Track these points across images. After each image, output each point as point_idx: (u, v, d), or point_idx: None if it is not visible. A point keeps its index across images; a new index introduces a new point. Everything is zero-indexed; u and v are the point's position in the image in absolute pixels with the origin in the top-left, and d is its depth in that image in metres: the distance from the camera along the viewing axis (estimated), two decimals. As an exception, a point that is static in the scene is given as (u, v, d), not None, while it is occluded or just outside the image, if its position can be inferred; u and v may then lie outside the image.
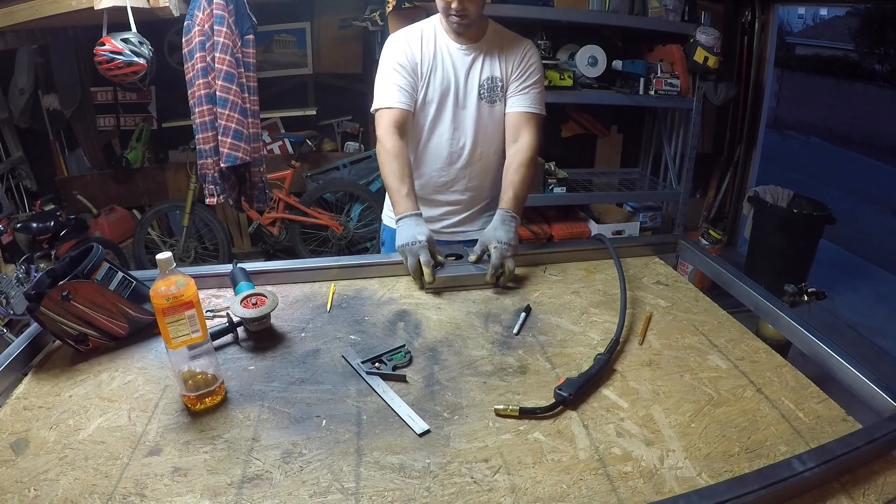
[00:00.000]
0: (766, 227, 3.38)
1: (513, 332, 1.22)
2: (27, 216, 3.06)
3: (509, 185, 1.52)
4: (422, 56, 1.54)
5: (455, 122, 1.60)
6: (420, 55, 1.54)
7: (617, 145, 3.93)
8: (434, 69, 1.55)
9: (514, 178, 1.52)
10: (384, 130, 1.50)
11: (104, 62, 2.31)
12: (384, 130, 1.50)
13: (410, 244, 1.38)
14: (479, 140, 1.62)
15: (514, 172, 1.53)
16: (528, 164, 1.54)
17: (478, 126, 1.60)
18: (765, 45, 3.76)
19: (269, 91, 3.44)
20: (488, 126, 1.62)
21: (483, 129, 1.61)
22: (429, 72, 1.55)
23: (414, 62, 1.54)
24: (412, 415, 0.95)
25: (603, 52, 2.99)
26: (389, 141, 1.48)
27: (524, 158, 1.54)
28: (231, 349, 1.16)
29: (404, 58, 1.53)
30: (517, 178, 1.52)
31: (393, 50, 1.55)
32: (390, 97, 1.51)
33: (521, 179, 1.52)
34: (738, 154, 3.97)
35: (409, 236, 1.39)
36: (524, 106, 1.58)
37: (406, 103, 1.52)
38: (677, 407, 0.99)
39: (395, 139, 1.48)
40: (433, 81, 1.56)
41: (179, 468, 0.84)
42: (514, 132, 1.58)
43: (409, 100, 1.53)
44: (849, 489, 0.81)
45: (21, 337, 1.13)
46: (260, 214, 3.50)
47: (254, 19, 2.53)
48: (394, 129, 1.49)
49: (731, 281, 1.45)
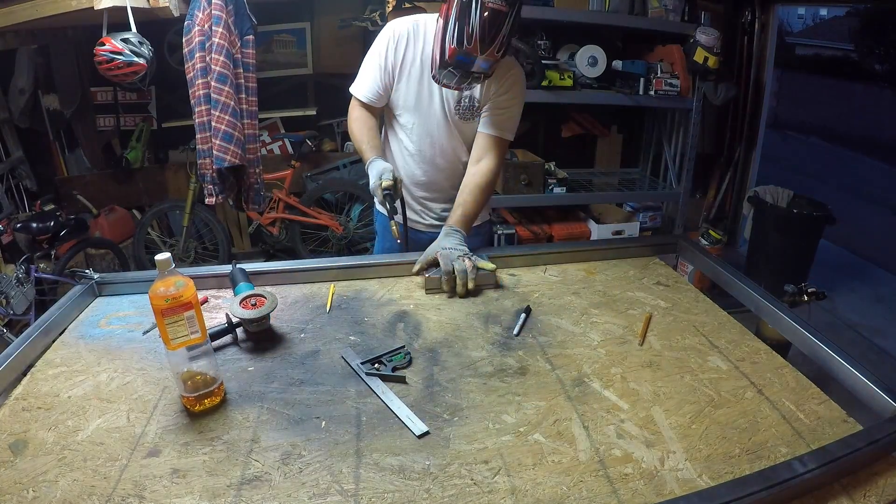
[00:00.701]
0: (766, 227, 3.38)
1: (513, 333, 1.22)
2: (27, 216, 3.05)
3: (460, 203, 1.54)
4: (404, 58, 1.53)
5: (426, 128, 1.59)
6: (402, 57, 1.53)
7: (617, 145, 3.93)
8: (416, 75, 1.54)
9: (467, 199, 1.54)
10: (353, 106, 1.62)
11: (104, 62, 2.31)
12: (353, 106, 1.62)
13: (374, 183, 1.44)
14: (447, 150, 1.63)
15: (469, 193, 1.55)
16: (486, 187, 1.56)
17: (448, 138, 1.61)
18: (765, 45, 3.76)
19: (268, 91, 3.43)
20: (458, 139, 1.62)
21: (452, 141, 1.61)
22: (408, 75, 1.54)
23: (395, 61, 1.53)
24: (412, 416, 0.95)
25: (603, 52, 2.99)
26: (356, 111, 1.60)
27: (482, 182, 1.55)
28: (230, 350, 1.16)
29: (386, 54, 1.53)
30: (470, 199, 1.54)
31: (382, 41, 1.55)
32: (363, 88, 1.58)
33: (475, 201, 1.54)
34: (738, 154, 3.97)
35: (372, 177, 1.46)
36: (494, 129, 1.57)
37: (372, 99, 1.58)
38: (678, 408, 0.99)
39: (361, 110, 1.60)
40: (412, 85, 1.55)
41: (178, 469, 0.84)
42: (479, 152, 1.58)
43: (374, 95, 1.58)
44: (850, 490, 0.81)
45: (21, 337, 1.13)
46: (260, 214, 3.50)
47: (253, 20, 2.53)
48: (358, 107, 1.61)
49: (731, 281, 1.45)
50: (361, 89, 1.58)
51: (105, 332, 1.21)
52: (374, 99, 1.58)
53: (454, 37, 1.31)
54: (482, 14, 1.28)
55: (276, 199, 3.48)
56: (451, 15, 1.31)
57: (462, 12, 1.29)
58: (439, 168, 1.65)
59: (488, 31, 1.29)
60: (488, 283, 1.42)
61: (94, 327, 1.24)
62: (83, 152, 3.60)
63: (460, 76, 1.38)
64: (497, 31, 1.30)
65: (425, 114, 1.58)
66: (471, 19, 1.28)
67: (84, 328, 1.24)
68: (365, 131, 1.55)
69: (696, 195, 3.96)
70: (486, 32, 1.29)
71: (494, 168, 1.58)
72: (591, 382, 1.06)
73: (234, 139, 2.48)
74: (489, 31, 1.29)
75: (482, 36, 1.29)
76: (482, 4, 1.27)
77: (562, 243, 1.87)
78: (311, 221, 3.56)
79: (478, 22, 1.28)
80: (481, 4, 1.27)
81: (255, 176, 2.73)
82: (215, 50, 2.38)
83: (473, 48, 1.30)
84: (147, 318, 1.24)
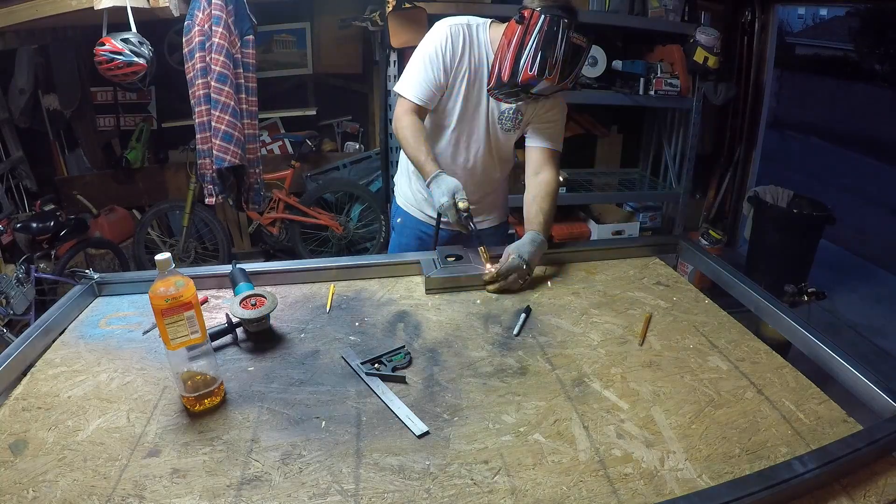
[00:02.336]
0: (766, 227, 3.38)
1: (513, 333, 1.22)
2: (27, 216, 3.05)
3: (539, 211, 1.54)
4: (461, 61, 1.51)
5: (465, 134, 1.61)
6: (459, 60, 1.51)
7: (617, 145, 3.93)
8: (468, 81, 1.53)
9: (543, 206, 1.55)
10: (402, 111, 1.53)
11: (104, 62, 2.31)
12: (402, 111, 1.53)
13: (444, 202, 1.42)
14: (481, 158, 1.64)
15: (543, 201, 1.56)
16: (553, 195, 1.58)
17: (484, 146, 1.62)
18: (765, 45, 3.76)
19: (269, 91, 3.43)
20: (493, 149, 1.64)
21: (488, 150, 1.63)
22: (461, 79, 1.53)
23: (451, 62, 1.50)
24: (411, 416, 0.95)
25: (603, 52, 2.99)
26: (406, 118, 1.51)
27: (550, 190, 1.57)
28: (230, 350, 1.16)
29: (444, 53, 1.49)
30: (546, 206, 1.55)
31: (438, 39, 1.49)
32: (412, 89, 1.51)
33: (550, 208, 1.56)
34: (738, 154, 3.97)
35: (440, 193, 1.43)
36: (548, 142, 1.60)
37: (424, 100, 1.51)
38: (678, 408, 0.99)
39: (411, 117, 1.52)
40: (462, 90, 1.54)
41: (178, 469, 0.84)
42: (537, 166, 1.60)
43: (429, 98, 1.52)
44: (850, 490, 0.81)
45: (21, 337, 1.13)
46: (260, 214, 3.50)
47: (254, 20, 2.53)
48: (411, 112, 1.52)
49: (731, 281, 1.45)
50: (414, 90, 1.50)
51: (105, 332, 1.21)
52: (428, 100, 1.51)
53: (534, 64, 1.34)
54: (566, 48, 1.33)
55: (276, 199, 3.48)
56: (531, 41, 1.33)
57: (547, 42, 1.32)
58: (470, 174, 1.65)
59: (569, 65, 1.35)
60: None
61: (94, 327, 1.24)
62: (83, 152, 3.60)
63: (521, 96, 1.42)
64: (576, 64, 1.37)
65: (469, 120, 1.58)
66: (555, 51, 1.32)
67: (84, 328, 1.23)
68: (422, 142, 1.49)
69: (696, 195, 3.96)
70: (566, 65, 1.35)
71: (555, 179, 1.59)
72: (591, 382, 1.06)
73: (234, 139, 2.48)
74: (570, 65, 1.36)
75: (563, 68, 1.35)
76: (568, 39, 1.32)
77: (562, 243, 1.86)
78: (311, 221, 3.56)
79: (562, 55, 1.33)
80: (567, 39, 1.32)
81: (255, 176, 2.73)
82: (215, 50, 2.38)
83: (553, 78, 1.35)
84: (147, 318, 1.24)
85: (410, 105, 1.51)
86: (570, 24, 1.32)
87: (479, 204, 1.72)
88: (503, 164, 1.71)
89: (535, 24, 1.32)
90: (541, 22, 1.32)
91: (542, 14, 1.32)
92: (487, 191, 1.74)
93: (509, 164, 1.75)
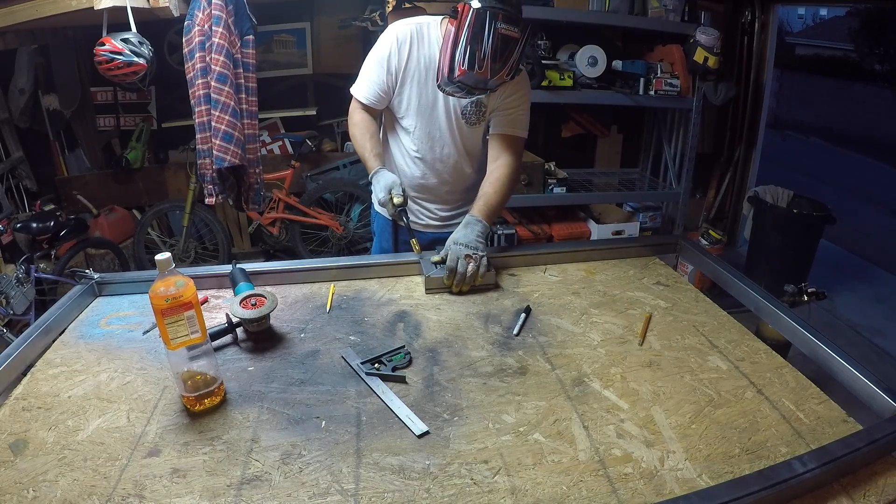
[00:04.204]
0: (766, 227, 3.38)
1: (513, 332, 1.22)
2: (27, 216, 3.05)
3: (482, 195, 1.54)
4: (408, 62, 1.51)
5: (428, 131, 1.59)
6: (407, 60, 1.51)
7: (617, 145, 3.92)
8: (420, 79, 1.53)
9: (488, 190, 1.55)
10: (352, 109, 1.61)
11: (104, 62, 2.31)
12: (352, 109, 1.61)
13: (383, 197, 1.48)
14: (448, 154, 1.62)
15: (490, 185, 1.55)
16: (506, 180, 1.56)
17: (450, 142, 1.61)
18: (765, 45, 3.76)
19: (268, 91, 3.43)
20: (460, 143, 1.62)
21: (454, 145, 1.61)
22: (412, 78, 1.53)
23: (399, 64, 1.52)
24: (411, 416, 0.95)
25: (603, 52, 2.99)
26: (357, 114, 1.59)
27: (503, 174, 1.56)
28: (230, 350, 1.16)
29: (389, 56, 1.51)
30: (491, 191, 1.54)
31: (385, 43, 1.53)
32: (365, 89, 1.57)
33: (496, 192, 1.54)
34: (738, 154, 3.97)
35: (379, 189, 1.50)
36: (506, 128, 1.57)
37: (371, 100, 1.57)
38: (678, 408, 0.99)
39: (361, 113, 1.59)
40: (416, 89, 1.54)
41: (178, 469, 0.84)
42: (497, 152, 1.59)
43: (375, 98, 1.56)
44: (849, 490, 0.81)
45: (21, 337, 1.13)
46: (260, 214, 3.50)
47: (254, 20, 2.53)
48: (359, 110, 1.60)
49: (731, 281, 1.45)
50: (363, 91, 1.57)
51: (105, 332, 1.21)
52: (375, 101, 1.57)
53: (465, 59, 1.31)
54: (495, 40, 1.28)
55: (276, 199, 3.48)
56: (463, 35, 1.31)
57: (475, 36, 1.29)
58: (439, 171, 1.65)
59: (500, 57, 1.30)
60: (488, 284, 1.42)
61: (94, 327, 1.24)
62: (83, 152, 3.60)
63: (467, 92, 1.40)
64: (509, 56, 1.32)
65: (429, 117, 1.58)
66: (483, 45, 1.28)
67: (84, 328, 1.23)
68: (367, 138, 1.55)
69: (696, 195, 3.96)
70: (497, 58, 1.30)
71: (513, 163, 1.58)
72: (591, 382, 1.06)
73: (234, 139, 2.48)
74: (501, 57, 1.30)
75: (493, 62, 1.30)
76: (495, 30, 1.27)
77: (562, 243, 1.86)
78: (311, 221, 3.56)
79: (490, 48, 1.29)
80: (494, 30, 1.27)
81: (255, 176, 2.73)
82: (215, 50, 2.37)
83: (484, 72, 1.31)
84: (147, 318, 1.24)
85: (358, 104, 1.59)
86: (498, 15, 1.27)
87: (456, 200, 1.72)
88: (473, 159, 1.69)
89: (466, 18, 1.31)
90: (470, 15, 1.30)
91: (469, 7, 1.30)
92: (461, 186, 1.71)
93: (482, 159, 1.72)
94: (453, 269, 1.37)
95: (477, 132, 1.62)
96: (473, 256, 1.38)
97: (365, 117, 1.58)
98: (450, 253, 1.38)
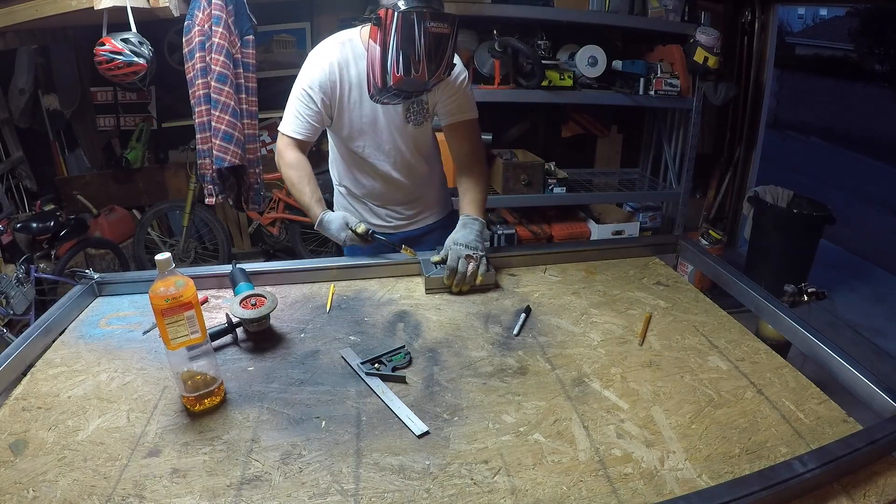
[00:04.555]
0: (766, 227, 3.38)
1: (513, 333, 1.22)
2: (27, 216, 3.06)
3: (464, 191, 1.54)
4: (341, 86, 1.47)
5: (377, 144, 1.56)
6: (339, 86, 1.47)
7: (617, 145, 3.92)
8: (356, 98, 1.49)
9: (466, 185, 1.55)
10: (282, 146, 1.51)
11: (104, 62, 2.31)
12: (282, 146, 1.51)
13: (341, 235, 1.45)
14: (402, 159, 1.60)
15: (467, 179, 1.56)
16: (476, 167, 1.56)
17: (402, 147, 1.57)
18: (765, 45, 3.75)
19: (269, 91, 3.42)
20: (411, 145, 1.59)
21: (406, 149, 1.58)
22: (348, 101, 1.49)
23: (332, 93, 1.47)
24: (411, 416, 0.95)
25: (603, 52, 2.99)
26: (289, 153, 1.50)
27: (471, 162, 1.56)
28: (230, 350, 1.16)
29: (321, 86, 1.45)
30: (469, 185, 1.55)
31: (310, 72, 1.46)
32: (289, 125, 1.49)
33: (475, 184, 1.55)
34: (738, 154, 3.97)
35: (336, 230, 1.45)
36: (458, 115, 1.55)
37: (303, 134, 1.49)
38: (678, 408, 0.99)
39: (292, 152, 1.49)
40: (355, 110, 1.50)
41: (178, 469, 0.84)
42: (457, 141, 1.58)
43: (307, 131, 1.49)
44: (849, 490, 0.81)
45: (21, 337, 1.13)
46: (260, 214, 3.49)
47: (254, 20, 2.53)
48: (291, 147, 1.50)
49: (731, 281, 1.45)
50: (294, 126, 1.48)
51: (105, 332, 1.21)
52: (309, 135, 1.50)
53: (399, 65, 1.27)
54: (427, 40, 1.25)
55: (276, 199, 3.48)
56: (391, 41, 1.26)
57: (405, 40, 1.25)
58: (395, 179, 1.62)
59: (434, 57, 1.28)
60: (488, 284, 1.42)
61: (94, 327, 1.24)
62: (83, 152, 3.60)
63: (404, 97, 1.37)
64: (443, 54, 1.29)
65: (374, 131, 1.53)
66: (416, 47, 1.25)
67: (84, 328, 1.24)
68: (306, 182, 1.48)
69: (696, 195, 3.96)
70: (432, 58, 1.28)
71: (475, 147, 1.58)
72: (591, 382, 1.06)
73: (234, 139, 2.48)
74: (435, 56, 1.28)
75: (429, 62, 1.27)
76: (425, 30, 1.24)
77: (562, 243, 1.86)
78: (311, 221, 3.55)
79: (423, 49, 1.25)
80: (424, 30, 1.24)
81: (255, 176, 2.73)
82: (215, 50, 2.37)
83: (421, 75, 1.28)
84: (147, 318, 1.24)
85: (289, 140, 1.50)
86: (426, 14, 1.23)
87: (417, 197, 1.70)
88: (428, 157, 1.67)
89: (391, 23, 1.26)
90: (395, 20, 1.24)
91: (394, 12, 1.24)
92: (421, 190, 1.69)
93: (434, 153, 1.71)
94: (454, 269, 1.37)
95: (426, 131, 1.59)
96: (474, 256, 1.38)
97: (299, 157, 1.49)
98: (450, 253, 1.39)
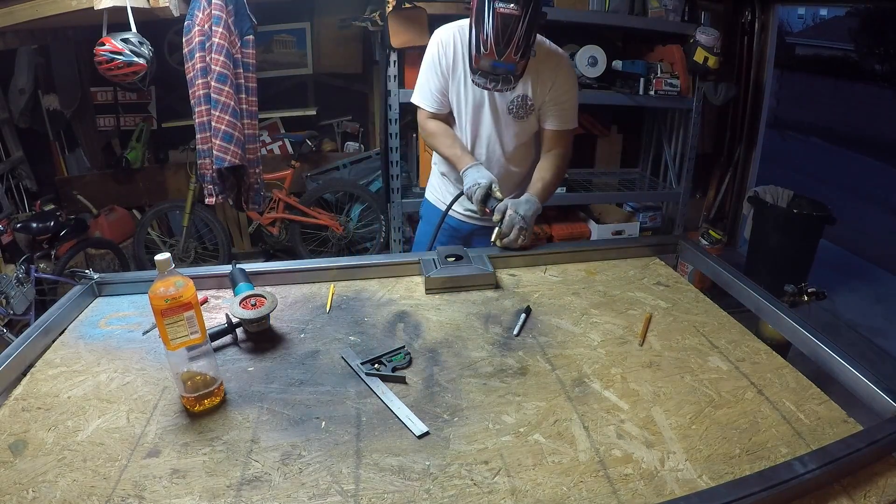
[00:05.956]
0: (766, 227, 3.38)
1: (513, 333, 1.21)
2: (27, 216, 3.05)
3: (539, 178, 1.64)
4: (454, 64, 1.58)
5: (476, 128, 1.66)
6: (453, 63, 1.58)
7: (617, 145, 3.92)
8: (466, 81, 1.59)
9: (543, 175, 1.65)
10: (422, 119, 1.69)
11: (104, 62, 2.31)
12: (422, 119, 1.69)
13: (472, 187, 1.56)
14: (497, 148, 1.68)
15: (546, 170, 1.66)
16: (555, 168, 1.67)
17: (498, 136, 1.66)
18: (765, 45, 3.76)
19: (268, 91, 3.43)
20: (514, 138, 1.67)
21: (503, 139, 1.67)
22: (459, 80, 1.60)
23: (447, 67, 1.59)
24: (411, 416, 0.95)
25: (603, 52, 2.99)
26: (430, 124, 1.67)
27: (556, 163, 1.67)
28: (230, 350, 1.16)
29: (439, 60, 1.59)
30: (547, 176, 1.65)
31: (431, 50, 1.60)
32: (425, 98, 1.65)
33: (552, 178, 1.66)
34: (738, 154, 3.97)
35: (470, 181, 1.57)
36: (558, 124, 1.65)
37: (434, 107, 1.65)
38: (678, 408, 0.99)
39: (433, 122, 1.67)
40: (462, 89, 1.61)
41: (178, 470, 0.84)
42: (549, 144, 1.68)
43: (437, 104, 1.65)
44: (850, 491, 0.81)
45: (21, 337, 1.13)
46: (260, 214, 3.50)
47: (254, 20, 2.53)
48: (429, 118, 1.68)
49: (731, 281, 1.45)
50: (426, 100, 1.64)
51: (105, 332, 1.21)
52: (439, 107, 1.65)
53: (472, 44, 1.38)
54: (495, 20, 1.31)
55: (276, 199, 3.48)
56: (471, 23, 1.37)
57: (478, 20, 1.34)
58: (497, 168, 1.70)
59: (502, 37, 1.33)
60: (487, 284, 1.42)
61: (94, 327, 1.24)
62: (83, 152, 3.60)
63: (490, 79, 1.44)
64: (511, 34, 1.34)
65: (476, 115, 1.64)
66: (484, 26, 1.33)
67: (84, 328, 1.23)
68: (455, 139, 1.64)
69: (696, 195, 3.96)
70: (500, 38, 1.33)
71: (566, 154, 1.71)
72: (592, 383, 1.06)
73: (234, 139, 2.48)
74: (503, 37, 1.33)
75: (496, 41, 1.33)
76: (494, 10, 1.31)
77: (562, 243, 1.86)
78: (311, 221, 3.56)
79: (491, 28, 1.32)
80: (493, 10, 1.31)
81: (255, 176, 2.73)
82: (215, 50, 2.37)
83: (489, 54, 1.35)
84: (147, 318, 1.24)
85: (426, 113, 1.67)
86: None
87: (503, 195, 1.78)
88: (524, 155, 1.75)
89: (473, 6, 1.36)
90: (474, 2, 1.35)
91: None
92: (509, 184, 1.77)
93: (531, 154, 1.78)
94: (506, 234, 1.51)
95: (526, 127, 1.66)
96: (526, 229, 1.53)
97: (438, 123, 1.66)
98: (507, 219, 1.51)
